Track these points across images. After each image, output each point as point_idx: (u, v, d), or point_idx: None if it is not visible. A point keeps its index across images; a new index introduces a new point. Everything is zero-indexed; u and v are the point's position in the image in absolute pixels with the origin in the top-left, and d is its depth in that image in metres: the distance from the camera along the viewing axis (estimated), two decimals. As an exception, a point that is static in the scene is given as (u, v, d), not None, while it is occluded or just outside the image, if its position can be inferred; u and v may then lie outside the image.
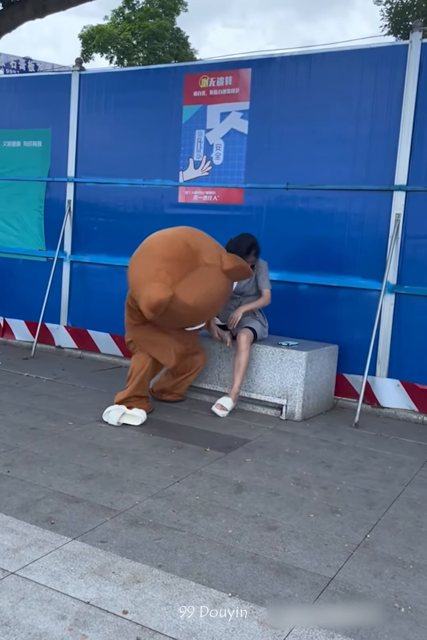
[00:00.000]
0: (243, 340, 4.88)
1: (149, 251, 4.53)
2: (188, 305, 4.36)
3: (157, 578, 2.48)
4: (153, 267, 4.37)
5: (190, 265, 4.38)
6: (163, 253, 4.41)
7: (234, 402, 4.91)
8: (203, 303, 4.45)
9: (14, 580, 2.39)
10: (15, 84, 7.23)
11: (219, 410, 4.83)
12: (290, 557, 2.73)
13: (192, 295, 4.36)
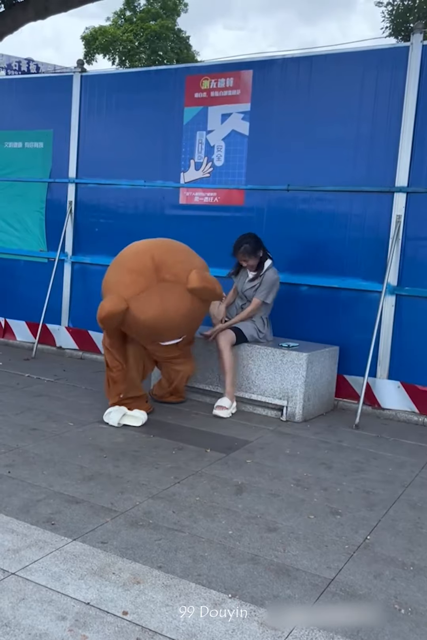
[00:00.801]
0: (220, 342, 4.93)
1: (118, 263, 4.61)
2: (139, 321, 4.32)
3: (157, 579, 2.48)
4: (116, 279, 4.45)
5: (150, 280, 4.31)
6: (128, 265, 4.46)
7: (231, 401, 4.92)
8: (154, 321, 4.33)
9: (14, 580, 2.40)
10: (17, 85, 7.23)
11: (220, 410, 4.84)
12: (290, 558, 2.73)
13: (145, 311, 4.29)
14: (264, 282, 5.05)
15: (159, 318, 4.34)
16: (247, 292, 5.14)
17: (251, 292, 5.12)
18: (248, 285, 5.15)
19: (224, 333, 4.95)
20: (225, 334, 4.95)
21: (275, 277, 5.08)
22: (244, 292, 5.18)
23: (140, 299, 4.30)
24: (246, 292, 5.16)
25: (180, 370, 4.91)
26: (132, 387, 4.67)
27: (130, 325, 4.40)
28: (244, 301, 5.21)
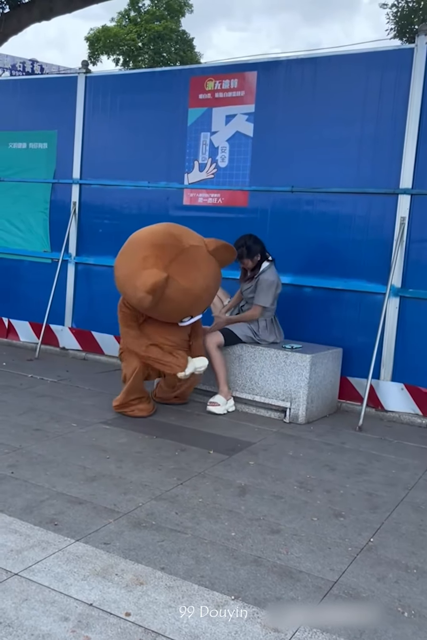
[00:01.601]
0: (206, 343, 4.94)
1: (132, 245, 4.55)
2: (184, 287, 4.34)
3: (160, 580, 2.48)
4: (139, 256, 4.37)
5: (176, 249, 4.36)
6: (147, 241, 4.43)
7: (226, 399, 4.93)
8: (198, 284, 4.42)
9: (17, 581, 2.40)
10: (21, 85, 7.25)
11: (212, 407, 4.88)
12: (293, 560, 2.73)
13: (187, 276, 4.35)
14: (259, 285, 5.02)
15: (200, 281, 4.43)
16: (245, 292, 5.16)
17: (247, 293, 5.13)
18: (245, 286, 5.16)
19: (211, 335, 4.96)
20: (211, 335, 4.97)
21: (271, 279, 5.02)
22: (242, 293, 5.21)
23: (176, 267, 4.31)
24: (243, 292, 5.18)
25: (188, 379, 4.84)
26: (136, 388, 4.67)
27: (169, 298, 4.32)
28: (243, 302, 5.22)
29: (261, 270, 5.07)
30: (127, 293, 4.51)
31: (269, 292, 5.01)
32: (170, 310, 4.50)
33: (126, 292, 4.52)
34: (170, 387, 4.99)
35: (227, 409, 4.95)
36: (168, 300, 4.36)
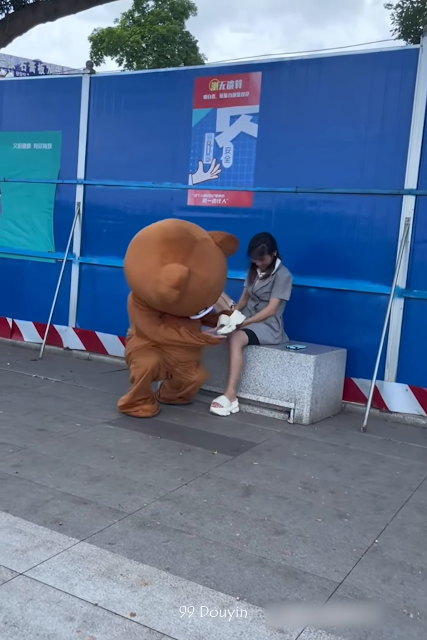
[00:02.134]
0: (231, 341, 4.94)
1: (144, 243, 4.56)
2: (202, 279, 4.40)
3: (165, 581, 2.48)
4: (157, 253, 4.37)
5: (190, 242, 4.42)
6: (160, 237, 4.45)
7: (230, 401, 4.92)
8: (215, 275, 4.54)
9: (22, 581, 2.40)
10: (26, 86, 7.26)
11: (216, 408, 4.88)
12: (298, 561, 2.72)
13: (204, 267, 4.43)
14: (278, 280, 5.09)
15: (215, 273, 4.53)
16: (259, 291, 5.16)
17: (263, 291, 5.13)
18: (260, 285, 5.17)
19: (236, 333, 4.96)
20: (237, 334, 4.96)
21: (287, 274, 5.12)
22: (255, 293, 5.20)
23: (193, 260, 4.37)
24: (257, 292, 5.18)
25: (192, 380, 4.86)
26: (143, 390, 4.67)
27: (188, 291, 4.35)
28: (257, 302, 5.22)
29: (276, 267, 5.12)
30: (145, 291, 4.50)
31: (287, 285, 5.11)
32: (189, 303, 4.52)
33: (144, 290, 4.51)
34: (174, 388, 4.99)
35: (231, 410, 4.95)
36: (189, 293, 4.39)
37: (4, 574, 2.43)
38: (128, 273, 4.66)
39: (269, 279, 5.13)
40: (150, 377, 4.68)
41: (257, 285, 5.21)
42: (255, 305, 5.25)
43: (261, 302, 5.21)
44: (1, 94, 7.22)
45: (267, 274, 5.14)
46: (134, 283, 4.62)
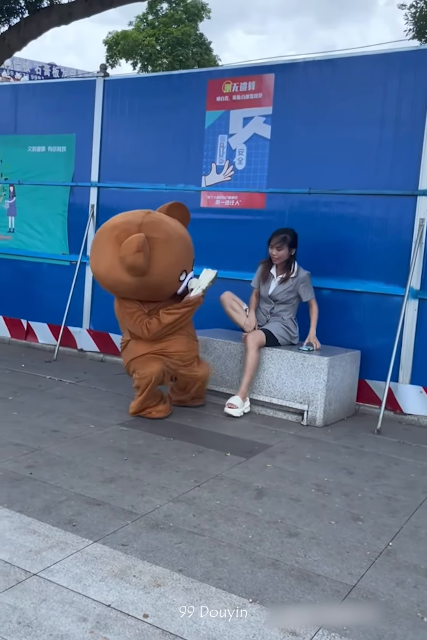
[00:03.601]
0: (248, 340, 4.95)
1: (98, 240, 4.76)
2: (163, 239, 4.52)
3: (178, 582, 2.48)
4: (111, 240, 4.53)
5: (139, 217, 4.56)
6: (110, 227, 4.64)
7: (243, 401, 4.92)
8: (176, 231, 4.68)
9: (36, 581, 2.41)
10: (40, 89, 7.32)
11: (230, 409, 4.87)
12: (311, 563, 2.72)
13: (161, 229, 4.57)
14: (304, 282, 5.12)
15: (171, 229, 4.68)
16: (279, 295, 5.14)
17: (284, 294, 5.12)
18: (280, 289, 5.14)
19: (254, 333, 4.96)
20: (254, 334, 4.96)
21: (307, 272, 5.16)
22: (273, 296, 5.17)
23: (145, 228, 4.49)
24: (275, 295, 5.15)
25: (198, 376, 4.88)
26: (151, 395, 4.70)
27: (154, 257, 4.45)
28: (272, 305, 5.20)
29: (296, 269, 5.14)
30: (119, 279, 4.52)
31: (310, 284, 5.16)
32: (163, 268, 4.51)
33: (118, 279, 4.53)
34: (181, 390, 4.99)
35: (244, 410, 4.95)
36: (155, 258, 4.45)
37: (18, 575, 2.45)
38: (99, 277, 4.75)
39: (291, 282, 5.12)
40: (155, 385, 4.69)
41: (275, 289, 5.18)
42: (270, 309, 5.22)
43: (277, 304, 5.19)
44: (16, 98, 7.28)
45: (286, 276, 5.13)
46: (107, 281, 4.67)
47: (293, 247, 5.13)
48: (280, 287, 5.16)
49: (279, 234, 5.10)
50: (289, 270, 5.15)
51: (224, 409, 4.90)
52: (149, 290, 4.61)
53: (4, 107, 7.31)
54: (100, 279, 4.74)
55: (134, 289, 4.56)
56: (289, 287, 5.13)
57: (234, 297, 5.29)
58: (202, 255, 6.13)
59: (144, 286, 4.54)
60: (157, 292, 4.67)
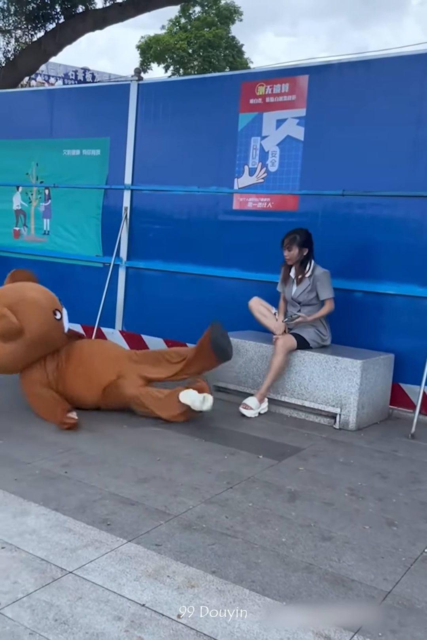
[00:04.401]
0: (278, 344, 4.92)
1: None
2: (17, 300, 4.59)
3: (211, 584, 2.48)
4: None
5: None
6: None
7: (260, 402, 4.91)
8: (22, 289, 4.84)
9: (71, 579, 2.45)
10: (75, 94, 7.42)
11: (244, 409, 4.88)
12: (345, 568, 2.69)
13: (9, 295, 4.67)
14: (319, 281, 5.05)
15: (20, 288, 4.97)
16: (301, 297, 5.12)
17: (305, 294, 5.10)
18: (300, 290, 5.13)
19: (284, 337, 4.95)
20: (285, 338, 4.95)
21: (325, 270, 5.09)
22: (295, 298, 5.17)
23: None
24: (298, 297, 5.14)
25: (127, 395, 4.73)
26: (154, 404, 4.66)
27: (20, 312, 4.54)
28: (298, 307, 5.19)
29: (312, 268, 5.09)
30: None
31: (330, 282, 5.08)
32: (35, 314, 4.57)
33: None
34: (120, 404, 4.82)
35: (260, 411, 4.94)
36: (25, 316, 4.49)
37: (54, 572, 2.49)
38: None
39: (307, 281, 5.09)
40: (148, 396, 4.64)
41: (296, 291, 5.16)
42: (297, 312, 5.20)
43: (303, 307, 5.16)
44: (52, 102, 7.39)
45: (302, 276, 5.10)
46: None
47: (305, 247, 5.07)
48: (299, 288, 5.14)
49: (289, 235, 5.08)
50: (304, 269, 5.11)
51: (239, 408, 4.90)
52: (38, 346, 4.62)
53: (40, 112, 7.42)
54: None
55: (25, 352, 4.54)
56: (307, 287, 5.09)
57: (262, 302, 5.28)
58: (235, 258, 6.17)
59: (29, 346, 4.53)
60: (46, 342, 4.67)
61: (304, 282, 5.11)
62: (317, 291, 5.07)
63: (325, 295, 5.06)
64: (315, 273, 5.07)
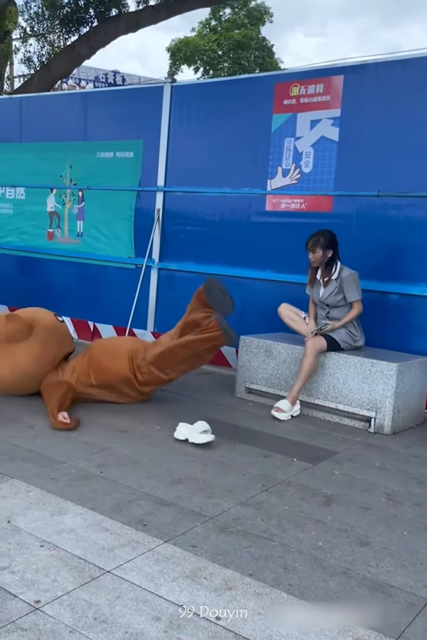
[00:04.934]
0: (309, 346, 4.88)
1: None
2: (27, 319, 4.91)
3: (249, 586, 2.47)
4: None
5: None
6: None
7: (292, 405, 4.87)
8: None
9: (109, 578, 2.46)
10: (108, 96, 7.48)
11: (276, 412, 4.85)
12: (384, 574, 2.66)
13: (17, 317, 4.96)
14: (346, 282, 4.98)
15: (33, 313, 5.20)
16: (329, 299, 5.07)
17: (332, 296, 5.04)
18: (327, 292, 5.07)
19: (314, 339, 4.91)
20: (315, 340, 4.91)
21: (352, 271, 5.01)
22: (323, 301, 5.11)
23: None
24: (326, 299, 5.09)
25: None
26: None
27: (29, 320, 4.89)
28: (326, 310, 5.14)
29: (338, 269, 5.03)
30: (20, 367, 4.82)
31: (358, 284, 5.00)
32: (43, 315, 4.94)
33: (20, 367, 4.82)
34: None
35: (292, 414, 4.91)
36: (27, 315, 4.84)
37: (93, 571, 2.50)
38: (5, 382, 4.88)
39: (334, 283, 5.03)
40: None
41: (324, 294, 5.10)
42: (326, 314, 5.15)
43: (332, 309, 5.11)
44: (86, 105, 7.46)
45: (329, 278, 5.05)
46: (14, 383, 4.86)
47: (329, 249, 5.00)
48: (326, 290, 5.09)
49: (313, 237, 5.02)
50: (330, 270, 5.05)
51: (271, 411, 4.87)
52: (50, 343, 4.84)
53: (74, 114, 7.51)
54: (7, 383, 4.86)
55: (41, 349, 4.77)
56: (334, 289, 5.04)
57: (290, 307, 5.26)
58: (268, 259, 6.15)
59: (42, 341, 4.78)
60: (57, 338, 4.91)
61: (330, 284, 5.06)
62: (345, 293, 5.01)
63: (352, 298, 4.99)
64: (342, 275, 5.01)
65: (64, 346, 4.96)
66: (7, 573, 2.45)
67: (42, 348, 4.77)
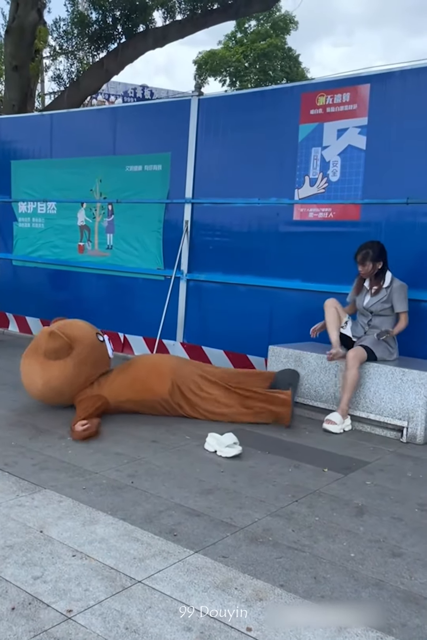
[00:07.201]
0: (350, 357, 4.83)
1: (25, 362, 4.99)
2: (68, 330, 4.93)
3: (280, 597, 2.46)
4: (38, 354, 4.85)
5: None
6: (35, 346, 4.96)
7: (343, 418, 4.82)
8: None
9: (140, 588, 2.47)
10: (137, 111, 7.58)
11: (329, 425, 4.79)
12: (417, 586, 2.62)
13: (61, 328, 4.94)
14: (396, 292, 4.97)
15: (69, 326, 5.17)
16: (374, 307, 5.03)
17: (378, 305, 5.01)
18: (373, 300, 5.03)
19: (354, 350, 4.87)
20: (356, 350, 4.87)
21: (403, 283, 5.00)
22: (368, 308, 5.07)
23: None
24: (371, 307, 5.05)
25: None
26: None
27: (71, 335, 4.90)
28: (369, 317, 5.10)
29: (390, 279, 5.02)
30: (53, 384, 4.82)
31: (406, 295, 4.99)
32: (83, 335, 4.95)
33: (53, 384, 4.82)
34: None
35: (344, 428, 4.85)
36: (74, 337, 4.84)
37: (124, 581, 2.52)
38: (41, 393, 4.91)
39: (384, 292, 5.00)
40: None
41: (369, 301, 5.07)
42: (367, 321, 5.11)
43: (374, 317, 5.07)
44: (115, 120, 7.58)
45: (379, 287, 5.01)
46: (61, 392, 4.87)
47: (379, 260, 4.98)
48: (374, 298, 5.05)
49: (361, 250, 4.99)
50: (380, 280, 5.02)
51: (323, 424, 4.83)
52: (85, 365, 4.85)
53: (104, 129, 7.62)
54: (38, 393, 4.91)
55: (74, 370, 4.78)
56: (383, 297, 5.00)
57: (338, 305, 5.11)
58: (296, 268, 6.14)
59: (78, 363, 4.79)
60: (93, 360, 4.91)
61: (380, 292, 5.02)
62: (393, 303, 4.98)
63: (401, 309, 4.97)
64: (393, 284, 4.99)
65: (99, 368, 4.99)
66: (39, 582, 2.48)
67: (76, 369, 4.80)
